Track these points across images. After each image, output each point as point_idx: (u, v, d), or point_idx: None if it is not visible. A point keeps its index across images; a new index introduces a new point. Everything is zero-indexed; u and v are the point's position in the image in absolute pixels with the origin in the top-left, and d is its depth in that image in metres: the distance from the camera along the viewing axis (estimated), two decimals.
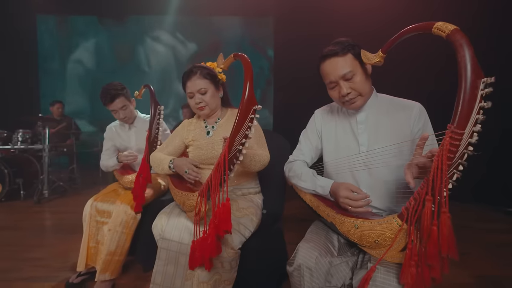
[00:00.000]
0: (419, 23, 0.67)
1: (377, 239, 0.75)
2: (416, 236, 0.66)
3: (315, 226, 1.02)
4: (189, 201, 1.06)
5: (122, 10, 5.70)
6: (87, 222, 1.46)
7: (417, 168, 0.72)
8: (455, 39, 0.59)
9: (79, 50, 5.88)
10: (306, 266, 0.82)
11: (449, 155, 0.60)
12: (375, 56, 0.83)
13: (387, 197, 0.95)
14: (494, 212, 2.86)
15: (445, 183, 0.60)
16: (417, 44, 1.00)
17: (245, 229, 1.10)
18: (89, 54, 5.87)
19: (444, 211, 0.60)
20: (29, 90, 5.93)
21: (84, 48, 5.87)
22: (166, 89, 5.86)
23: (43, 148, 3.34)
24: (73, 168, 4.16)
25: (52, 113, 4.24)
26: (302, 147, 1.15)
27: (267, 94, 6.01)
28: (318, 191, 0.97)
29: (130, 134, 1.73)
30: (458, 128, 0.59)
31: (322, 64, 0.96)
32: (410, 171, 0.72)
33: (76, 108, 5.82)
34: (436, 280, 0.64)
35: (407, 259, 0.66)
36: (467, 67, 0.57)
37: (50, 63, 6.01)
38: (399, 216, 0.72)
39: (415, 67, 3.38)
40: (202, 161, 1.24)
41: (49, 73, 6.02)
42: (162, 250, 1.09)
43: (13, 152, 3.59)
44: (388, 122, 0.98)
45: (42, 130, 3.42)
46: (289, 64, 5.09)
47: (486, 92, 0.58)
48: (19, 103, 5.64)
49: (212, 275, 1.00)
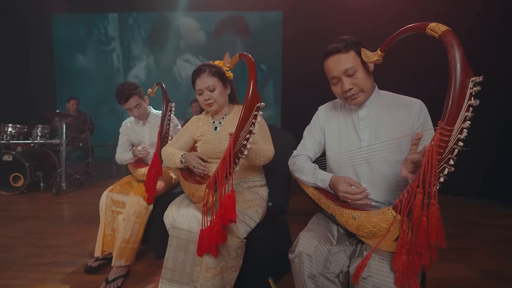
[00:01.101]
0: (414, 24, 0.70)
1: (373, 229, 0.80)
2: (408, 226, 0.70)
3: (316, 217, 1.07)
4: (197, 192, 1.13)
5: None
6: (104, 211, 1.57)
7: (412, 164, 0.75)
8: (446, 39, 0.62)
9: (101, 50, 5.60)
10: (306, 253, 0.87)
11: (439, 150, 0.63)
12: (374, 54, 0.86)
13: (386, 191, 0.99)
14: (500, 208, 2.83)
15: (435, 176, 0.64)
16: (422, 41, 1.00)
17: (250, 219, 1.16)
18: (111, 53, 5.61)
19: (433, 202, 0.64)
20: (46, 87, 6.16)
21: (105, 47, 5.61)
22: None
23: (61, 142, 3.51)
24: (88, 161, 4.34)
25: (68, 109, 4.42)
26: (305, 142, 1.19)
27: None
28: (319, 184, 1.02)
29: (144, 129, 1.82)
30: (448, 125, 0.62)
31: (326, 61, 1.00)
32: (405, 167, 0.76)
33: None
34: (426, 267, 0.68)
35: (399, 247, 0.70)
36: (456, 66, 0.60)
37: (65, 60, 6.11)
38: (394, 207, 0.76)
39: (419, 64, 3.35)
40: (210, 155, 1.30)
41: (64, 70, 6.12)
42: (173, 238, 1.17)
43: (33, 146, 3.79)
44: (389, 118, 1.00)
45: (59, 125, 3.59)
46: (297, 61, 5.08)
47: (475, 90, 0.60)
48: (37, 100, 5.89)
49: (219, 262, 1.07)
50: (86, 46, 5.18)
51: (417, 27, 0.69)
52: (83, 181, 3.95)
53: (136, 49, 5.11)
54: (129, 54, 5.18)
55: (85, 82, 5.74)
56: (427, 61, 3.19)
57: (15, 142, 3.61)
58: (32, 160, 3.44)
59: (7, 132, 3.58)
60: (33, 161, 3.46)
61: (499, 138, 3.03)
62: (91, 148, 4.36)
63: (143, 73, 5.20)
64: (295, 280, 0.93)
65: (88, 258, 1.73)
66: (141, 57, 5.17)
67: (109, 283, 1.41)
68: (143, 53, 5.13)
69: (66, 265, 1.68)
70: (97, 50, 5.21)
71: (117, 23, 5.00)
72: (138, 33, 5.05)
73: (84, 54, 5.20)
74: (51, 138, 3.73)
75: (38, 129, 3.67)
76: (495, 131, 3.05)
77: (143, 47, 5.08)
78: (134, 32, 5.05)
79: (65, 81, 5.75)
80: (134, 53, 5.14)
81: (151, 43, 5.06)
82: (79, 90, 5.66)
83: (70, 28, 5.40)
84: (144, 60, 5.18)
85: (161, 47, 5.10)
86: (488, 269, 1.63)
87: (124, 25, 5.04)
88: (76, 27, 5.37)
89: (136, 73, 5.21)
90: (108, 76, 5.55)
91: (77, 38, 5.24)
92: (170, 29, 5.08)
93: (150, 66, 5.19)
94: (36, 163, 3.49)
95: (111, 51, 5.18)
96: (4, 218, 2.54)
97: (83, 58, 5.26)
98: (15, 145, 3.70)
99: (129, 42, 5.09)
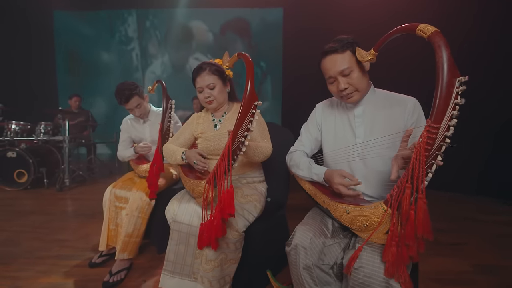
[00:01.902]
0: (404, 25, 0.73)
1: (366, 223, 0.83)
2: (397, 220, 0.74)
3: (312, 211, 1.11)
4: (198, 188, 1.17)
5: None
6: (107, 207, 1.61)
7: (402, 160, 0.78)
8: (434, 40, 0.65)
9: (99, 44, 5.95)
10: (301, 246, 0.91)
11: (426, 147, 0.66)
12: (368, 53, 0.89)
13: (380, 186, 1.02)
14: (497, 205, 2.86)
15: (423, 172, 0.67)
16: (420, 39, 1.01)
17: (248, 214, 1.20)
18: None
19: (420, 197, 0.68)
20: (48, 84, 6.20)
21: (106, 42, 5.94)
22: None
23: (64, 139, 3.56)
24: (91, 158, 4.39)
25: (70, 106, 4.46)
26: (302, 139, 1.22)
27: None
28: (314, 178, 1.05)
29: (145, 126, 1.85)
30: (435, 123, 0.65)
31: (323, 60, 1.03)
32: (396, 163, 0.79)
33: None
34: (413, 258, 0.71)
35: (389, 239, 0.74)
36: (444, 66, 0.63)
37: (67, 58, 6.19)
38: (385, 202, 0.79)
39: (417, 62, 3.36)
40: (210, 152, 1.34)
41: (66, 67, 6.21)
42: (174, 231, 1.22)
43: (36, 143, 3.84)
44: (384, 116, 1.03)
45: (62, 122, 3.63)
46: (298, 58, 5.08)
47: (461, 89, 0.63)
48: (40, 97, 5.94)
49: (218, 254, 1.12)
50: (109, 46, 5.67)
51: (407, 28, 0.72)
52: (86, 178, 4.01)
53: (152, 48, 5.63)
54: (146, 53, 5.67)
55: (108, 78, 6.02)
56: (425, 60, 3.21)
57: (18, 138, 3.66)
58: (35, 157, 3.49)
59: (10, 129, 3.63)
60: (37, 158, 3.51)
61: (496, 135, 3.06)
62: (94, 145, 4.41)
63: (159, 69, 5.69)
64: (291, 271, 0.97)
65: (92, 252, 1.78)
66: (157, 55, 5.65)
67: (112, 275, 1.46)
68: (159, 52, 5.63)
69: (70, 258, 1.73)
70: (119, 50, 5.71)
71: (136, 25, 5.52)
72: (154, 34, 5.55)
73: (108, 52, 5.69)
74: (54, 135, 3.78)
75: (41, 126, 3.71)
76: (492, 129, 3.08)
77: (158, 47, 5.60)
78: (151, 34, 5.55)
79: (86, 77, 5.93)
80: (151, 52, 5.66)
81: (166, 43, 5.62)
82: (102, 86, 5.84)
83: (92, 26, 5.77)
84: (160, 58, 5.66)
85: (175, 47, 5.63)
86: (481, 264, 1.67)
87: (142, 27, 5.55)
88: (98, 26, 5.75)
89: (153, 69, 5.69)
90: (128, 72, 5.92)
91: (100, 38, 5.65)
92: (183, 31, 5.56)
93: (165, 64, 5.68)
94: (39, 159, 3.54)
95: (130, 50, 5.68)
96: (9, 213, 2.59)
97: (107, 56, 5.72)
98: (18, 142, 3.75)
99: (146, 42, 5.60)
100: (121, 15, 5.53)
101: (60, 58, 6.04)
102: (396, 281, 0.73)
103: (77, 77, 5.93)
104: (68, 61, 5.92)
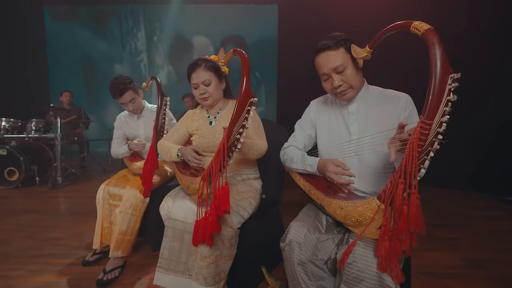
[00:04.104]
0: (399, 22, 0.73)
1: (359, 218, 0.84)
2: (390, 215, 0.75)
3: (307, 208, 1.11)
4: (192, 185, 1.16)
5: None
6: (101, 204, 1.59)
7: (400, 143, 0.78)
8: (428, 38, 0.66)
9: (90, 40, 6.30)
10: (296, 241, 0.91)
11: (419, 143, 0.67)
12: (363, 51, 0.89)
13: (374, 182, 1.04)
14: (492, 201, 2.92)
15: (415, 167, 0.68)
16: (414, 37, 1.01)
17: (243, 210, 1.20)
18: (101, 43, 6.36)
19: (413, 192, 0.69)
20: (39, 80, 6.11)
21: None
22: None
23: (55, 136, 3.50)
24: (84, 156, 4.33)
25: (62, 102, 4.39)
26: (296, 135, 1.23)
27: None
28: (308, 169, 1.06)
29: (139, 123, 1.83)
30: (428, 119, 0.66)
31: (317, 57, 1.03)
32: (393, 145, 0.80)
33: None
34: (406, 252, 0.72)
35: (382, 234, 0.75)
36: (437, 63, 0.64)
37: (58, 53, 6.25)
38: (378, 197, 0.80)
39: (414, 59, 3.38)
40: (205, 149, 1.33)
41: (58, 63, 6.27)
42: (168, 228, 1.21)
43: (27, 140, 3.76)
44: (377, 112, 1.04)
45: (53, 119, 3.57)
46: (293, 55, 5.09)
47: (454, 86, 0.64)
48: (31, 93, 5.84)
49: (213, 251, 1.12)
50: (122, 58, 6.42)
51: (402, 25, 0.72)
52: (79, 175, 3.96)
53: (159, 60, 6.46)
54: (153, 64, 6.48)
55: None
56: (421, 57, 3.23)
57: (9, 136, 3.59)
58: (26, 154, 3.43)
59: (0, 126, 3.55)
60: (28, 155, 3.45)
61: (491, 132, 3.10)
62: (87, 142, 4.35)
63: (165, 79, 6.48)
64: (286, 267, 0.98)
65: (86, 250, 1.76)
66: (163, 66, 6.49)
67: (106, 273, 1.45)
68: (165, 63, 6.47)
69: (63, 257, 1.71)
70: (129, 61, 6.45)
71: (145, 40, 6.38)
72: (161, 47, 6.41)
73: (121, 63, 6.44)
74: (46, 132, 3.71)
75: (33, 123, 3.64)
76: (487, 125, 3.11)
77: (164, 58, 6.45)
78: (157, 47, 6.40)
79: (101, 86, 6.31)
80: (158, 63, 6.48)
81: (171, 55, 6.42)
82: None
83: (107, 41, 6.40)
84: (166, 69, 6.50)
85: (179, 59, 6.46)
86: (473, 258, 1.71)
87: (150, 41, 6.38)
88: (111, 41, 6.40)
89: (159, 78, 5.99)
90: (138, 81, 6.17)
91: (113, 51, 6.38)
92: (186, 45, 6.32)
93: (170, 73, 6.52)
94: (31, 157, 3.48)
95: (139, 62, 6.48)
96: (0, 212, 2.55)
97: (119, 67, 6.44)
98: (9, 139, 3.67)
99: (153, 54, 6.44)
100: (131, 30, 6.33)
101: (76, 66, 6.38)
102: (388, 275, 0.75)
103: (93, 86, 6.43)
104: (83, 71, 6.40)
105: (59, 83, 6.17)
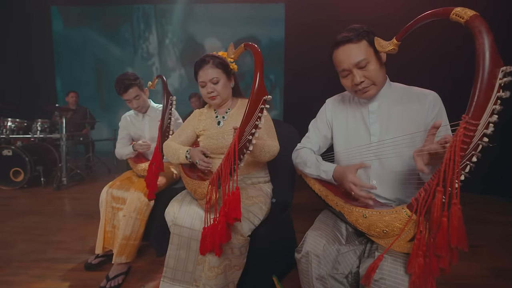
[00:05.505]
0: (437, 9, 0.64)
1: (386, 229, 0.76)
2: (425, 227, 0.66)
3: (323, 215, 1.03)
4: (200, 189, 1.09)
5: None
6: (104, 208, 1.53)
7: (428, 155, 0.70)
8: (474, 25, 0.57)
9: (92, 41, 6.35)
10: (314, 253, 0.83)
11: (462, 146, 0.59)
12: (389, 43, 0.81)
13: (397, 188, 0.95)
14: (505, 204, 2.78)
15: (457, 174, 0.59)
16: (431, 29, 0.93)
17: (254, 216, 1.13)
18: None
19: (455, 202, 0.60)
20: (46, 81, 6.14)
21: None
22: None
23: (61, 137, 3.47)
24: (89, 156, 4.30)
25: (68, 103, 4.37)
26: (310, 135, 1.15)
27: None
28: (322, 176, 0.98)
29: (144, 123, 1.77)
30: (473, 119, 0.57)
31: (335, 52, 0.94)
32: (420, 158, 0.71)
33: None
34: (445, 270, 0.64)
35: (415, 249, 0.66)
36: (485, 55, 0.55)
37: (65, 53, 6.29)
38: (408, 206, 0.72)
39: (430, 53, 3.24)
40: (212, 151, 1.26)
41: (64, 64, 6.30)
42: (174, 235, 1.14)
43: (33, 141, 3.75)
44: (401, 111, 0.95)
45: (59, 119, 3.54)
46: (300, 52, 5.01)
47: (505, 81, 0.55)
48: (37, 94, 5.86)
49: (222, 261, 1.04)
50: (133, 61, 6.46)
51: (440, 13, 0.63)
52: (84, 176, 3.93)
53: (170, 63, 6.49)
54: (165, 67, 6.48)
55: None
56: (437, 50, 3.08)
57: (14, 136, 3.57)
58: (32, 155, 3.41)
59: (6, 126, 3.54)
60: (33, 156, 3.43)
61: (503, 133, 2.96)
62: (92, 143, 4.32)
63: (177, 81, 6.49)
64: (302, 280, 0.90)
65: (89, 255, 1.71)
66: (175, 69, 6.50)
67: (109, 280, 1.38)
68: (176, 66, 6.50)
69: (66, 261, 1.65)
70: (141, 65, 6.45)
71: (156, 43, 6.41)
72: (172, 50, 6.45)
73: (132, 67, 6.45)
74: (51, 133, 3.69)
75: (38, 124, 3.62)
76: (499, 126, 2.97)
77: (176, 62, 6.48)
78: (169, 50, 6.44)
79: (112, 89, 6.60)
80: (169, 66, 6.49)
81: (183, 58, 6.46)
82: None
83: (119, 45, 6.50)
84: (177, 71, 6.51)
85: (191, 62, 6.40)
86: (495, 267, 1.60)
87: (162, 45, 6.41)
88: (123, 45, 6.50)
89: (171, 81, 6.48)
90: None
91: (125, 55, 6.46)
92: (198, 48, 6.34)
93: (182, 76, 6.52)
94: (36, 157, 3.46)
95: (151, 65, 6.50)
96: (4, 213, 2.51)
97: (131, 70, 6.45)
98: (14, 140, 3.66)
99: (165, 58, 6.47)
100: (143, 33, 6.39)
101: (88, 70, 6.50)
102: None
103: (104, 91, 6.54)
104: (96, 75, 6.51)
105: (70, 87, 6.30)
